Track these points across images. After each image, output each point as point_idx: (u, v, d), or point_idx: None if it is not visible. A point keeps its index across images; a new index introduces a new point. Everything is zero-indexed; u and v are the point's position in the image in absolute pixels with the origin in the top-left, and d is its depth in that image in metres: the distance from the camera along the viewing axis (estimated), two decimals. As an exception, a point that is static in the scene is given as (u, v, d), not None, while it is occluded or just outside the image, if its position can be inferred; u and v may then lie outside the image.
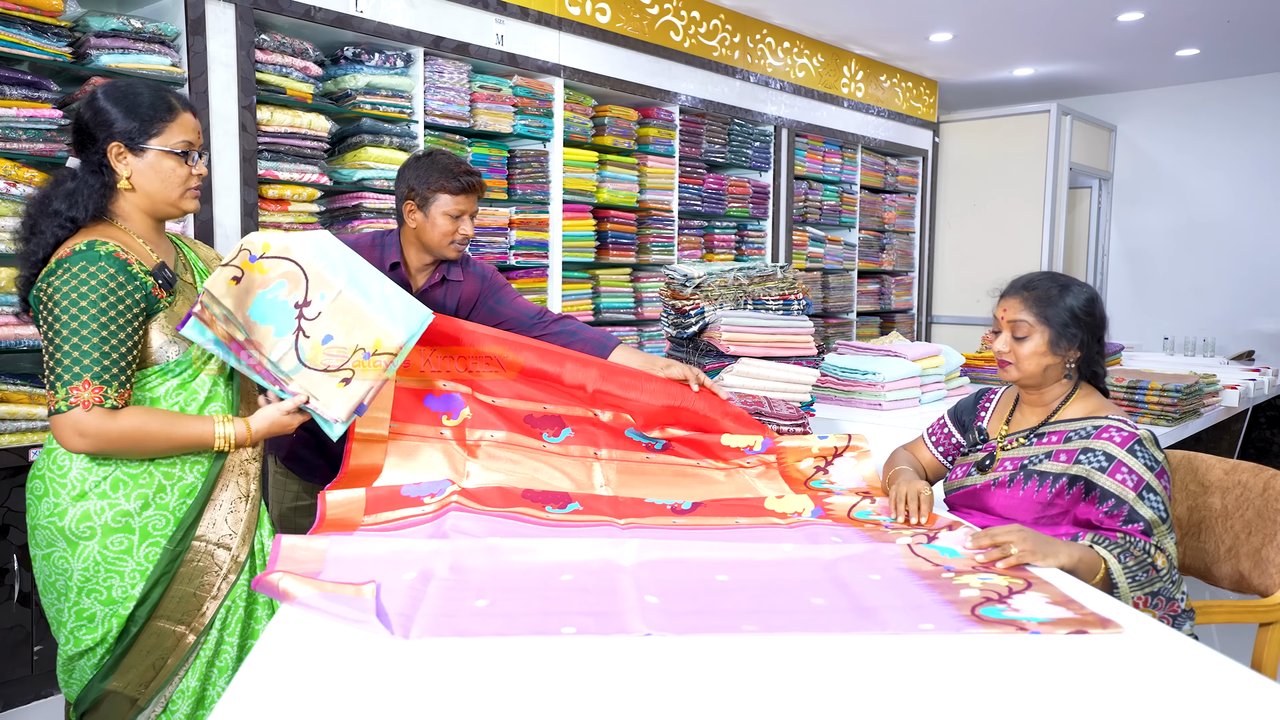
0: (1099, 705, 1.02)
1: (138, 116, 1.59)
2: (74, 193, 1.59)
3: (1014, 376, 1.85)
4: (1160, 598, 1.63)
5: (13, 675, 2.70)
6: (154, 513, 1.59)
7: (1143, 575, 1.60)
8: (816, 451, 2.02)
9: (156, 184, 1.62)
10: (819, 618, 1.24)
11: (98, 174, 1.60)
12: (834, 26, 5.41)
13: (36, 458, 1.64)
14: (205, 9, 3.02)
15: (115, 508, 1.56)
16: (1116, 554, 1.59)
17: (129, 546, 1.57)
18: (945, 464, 2.06)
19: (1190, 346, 5.33)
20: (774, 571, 1.45)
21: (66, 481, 1.56)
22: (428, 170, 2.21)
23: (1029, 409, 1.91)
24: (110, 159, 1.59)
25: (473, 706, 1.00)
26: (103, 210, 1.61)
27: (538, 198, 4.16)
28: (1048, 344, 1.81)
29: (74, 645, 1.60)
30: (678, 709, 1.00)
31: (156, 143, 1.60)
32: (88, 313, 1.49)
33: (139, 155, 1.60)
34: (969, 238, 6.86)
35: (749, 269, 2.74)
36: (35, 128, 2.72)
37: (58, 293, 1.50)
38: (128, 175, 1.61)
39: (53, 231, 1.57)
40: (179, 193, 1.65)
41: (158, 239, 1.68)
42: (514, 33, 3.95)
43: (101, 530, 1.56)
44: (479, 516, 1.63)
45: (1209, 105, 6.91)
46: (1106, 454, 1.71)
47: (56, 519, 1.56)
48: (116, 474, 1.57)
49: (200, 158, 1.67)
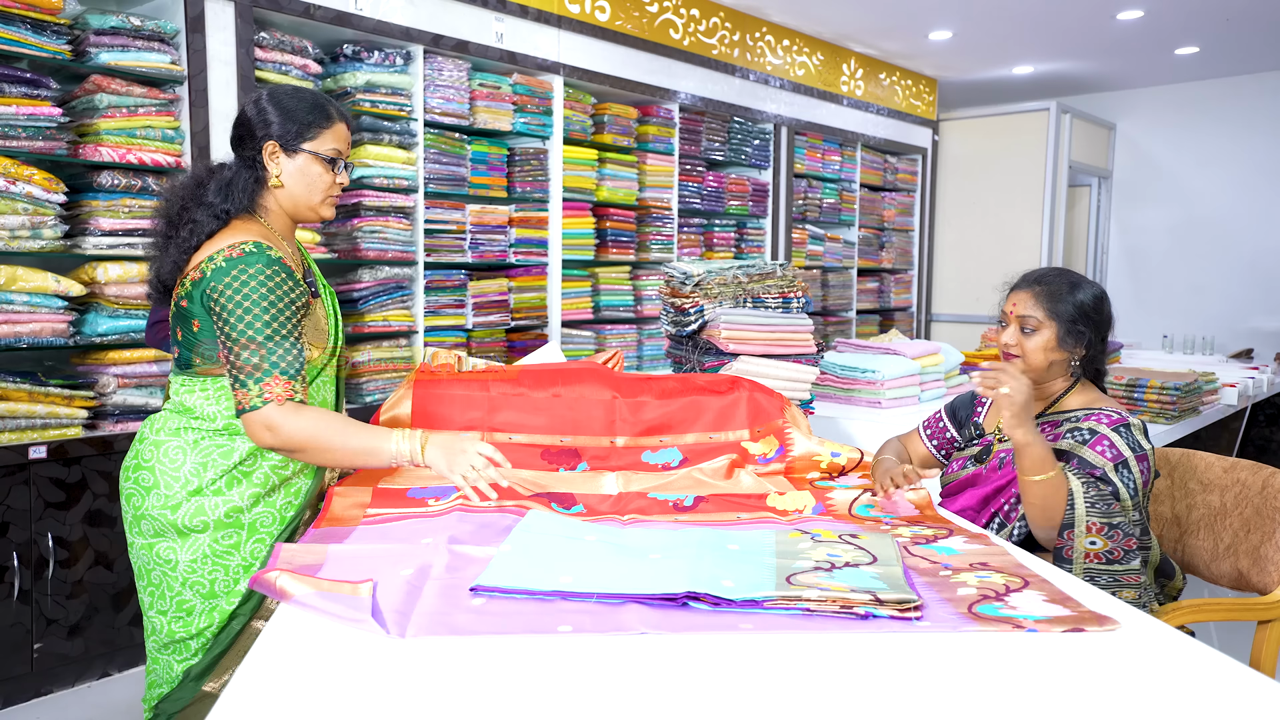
0: (1097, 703, 1.02)
1: (296, 120, 1.66)
2: (229, 184, 1.65)
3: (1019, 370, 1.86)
4: (1118, 530, 1.66)
5: (13, 673, 2.71)
6: (263, 509, 1.65)
7: (1102, 505, 1.65)
8: (825, 468, 2.03)
9: (303, 186, 1.69)
10: (816, 616, 1.25)
11: (251, 169, 1.67)
12: (833, 24, 5.41)
13: (138, 446, 1.66)
14: (204, 7, 3.02)
15: (229, 504, 1.62)
16: (1082, 480, 1.66)
17: (237, 542, 1.62)
18: (939, 457, 2.07)
19: (1189, 344, 5.33)
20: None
21: (180, 475, 1.61)
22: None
23: None
24: (264, 156, 1.66)
25: (471, 706, 1.00)
26: (252, 205, 1.68)
27: (537, 196, 4.16)
28: (1056, 340, 1.82)
29: (167, 635, 1.63)
30: (675, 708, 1.00)
31: (309, 146, 1.67)
32: (270, 314, 1.56)
33: (291, 156, 1.67)
34: (968, 236, 6.86)
35: (748, 267, 2.74)
36: (35, 125, 2.72)
37: (238, 294, 1.55)
38: (278, 174, 1.67)
39: (207, 221, 1.63)
40: (320, 197, 1.71)
41: (291, 240, 1.75)
42: (513, 30, 3.95)
43: (214, 525, 1.61)
44: (482, 514, 1.63)
45: (1208, 103, 6.91)
46: (1092, 430, 1.75)
47: (169, 512, 1.60)
48: (234, 472, 1.62)
49: (347, 169, 1.73)
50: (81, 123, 2.89)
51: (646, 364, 4.72)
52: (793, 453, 2.03)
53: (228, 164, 1.70)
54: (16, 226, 2.70)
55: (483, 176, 3.95)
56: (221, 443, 1.63)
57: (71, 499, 2.79)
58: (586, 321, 4.50)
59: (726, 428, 2.08)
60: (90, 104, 2.85)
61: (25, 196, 2.70)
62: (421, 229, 3.70)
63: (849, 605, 1.25)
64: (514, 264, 4.13)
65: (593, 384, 2.07)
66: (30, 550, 2.70)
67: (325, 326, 1.73)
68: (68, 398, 2.78)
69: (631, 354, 4.68)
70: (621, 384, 2.09)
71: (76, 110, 2.91)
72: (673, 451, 2.03)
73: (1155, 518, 2.19)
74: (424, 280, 3.73)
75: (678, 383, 2.13)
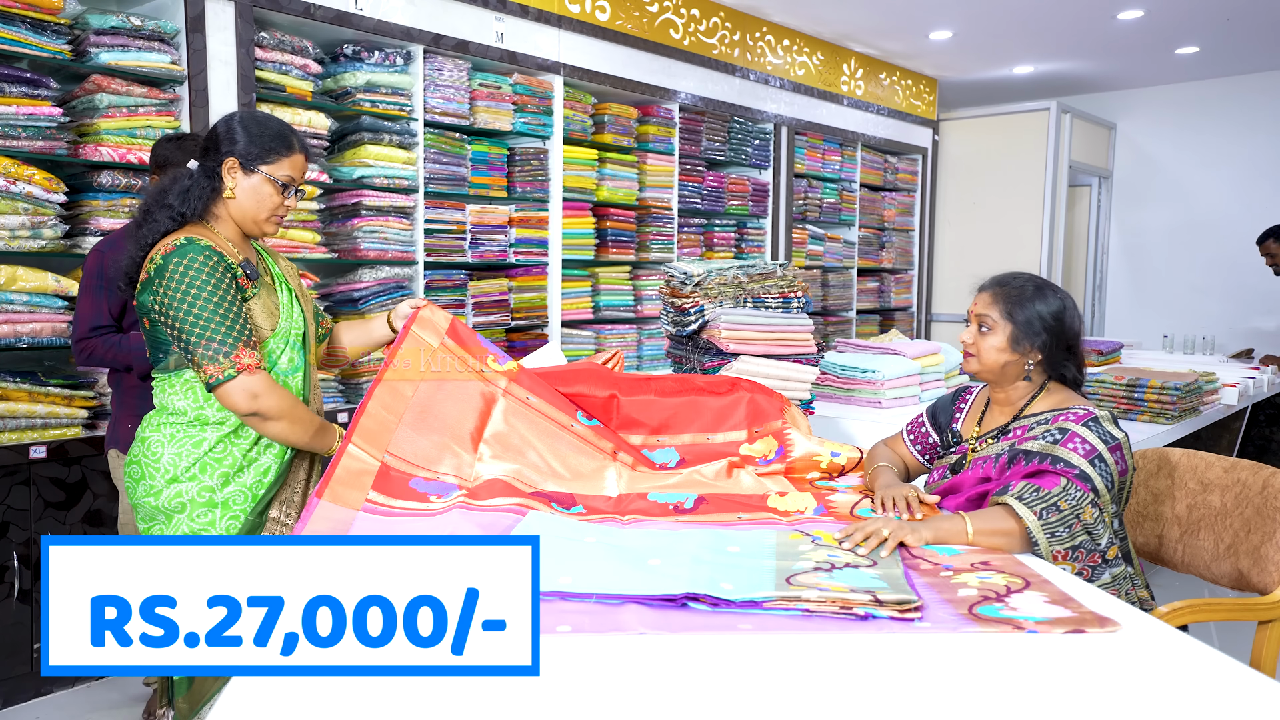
0: (1097, 703, 1.02)
1: (258, 144, 1.82)
2: (188, 191, 1.81)
3: (974, 368, 1.91)
4: (1081, 550, 1.65)
5: (13, 673, 2.71)
6: (234, 489, 1.80)
7: (1064, 531, 1.63)
8: (825, 468, 2.03)
9: (253, 202, 1.84)
10: (815, 617, 1.25)
11: (210, 179, 1.82)
12: (834, 24, 5.41)
13: (134, 443, 1.84)
14: (205, 7, 3.02)
15: (201, 486, 1.78)
16: (1039, 509, 1.63)
17: (213, 520, 1.79)
18: (924, 463, 2.07)
19: (1190, 344, 5.33)
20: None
21: (160, 466, 1.78)
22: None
23: (998, 409, 1.95)
24: (224, 170, 1.82)
25: (470, 705, 1.00)
26: (206, 211, 1.83)
27: (537, 195, 4.16)
28: (1008, 341, 1.85)
29: None
30: (674, 708, 1.00)
31: (266, 169, 1.83)
32: (210, 293, 1.71)
33: (248, 175, 1.83)
34: (969, 236, 6.85)
35: (749, 267, 2.74)
36: (35, 125, 2.72)
37: (177, 285, 1.70)
38: (233, 187, 1.83)
39: (164, 221, 1.78)
40: (266, 215, 1.86)
41: (243, 244, 1.89)
42: (514, 30, 3.95)
43: (190, 505, 1.77)
44: (482, 514, 1.63)
45: (1209, 103, 6.90)
46: (1061, 429, 1.76)
47: (152, 498, 1.78)
48: (204, 459, 1.78)
49: (297, 195, 1.90)
50: (81, 123, 2.89)
51: (646, 364, 4.72)
52: (793, 454, 2.03)
53: (192, 171, 1.85)
54: (16, 226, 2.70)
55: (483, 176, 3.95)
56: (193, 434, 1.79)
57: (71, 499, 2.79)
58: (586, 321, 4.50)
59: (724, 429, 2.08)
60: (90, 104, 2.85)
61: (25, 196, 2.69)
62: (422, 229, 3.70)
63: (848, 606, 1.25)
64: (514, 264, 4.13)
65: (591, 383, 2.07)
66: (30, 550, 2.70)
67: (276, 312, 1.87)
68: (68, 398, 2.78)
69: (631, 354, 4.67)
70: (621, 383, 2.09)
71: (76, 110, 2.91)
72: (669, 451, 2.03)
73: (1155, 518, 2.19)
74: (424, 280, 3.72)
75: (676, 383, 2.13)
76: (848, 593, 1.28)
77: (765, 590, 1.29)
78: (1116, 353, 4.39)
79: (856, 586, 1.30)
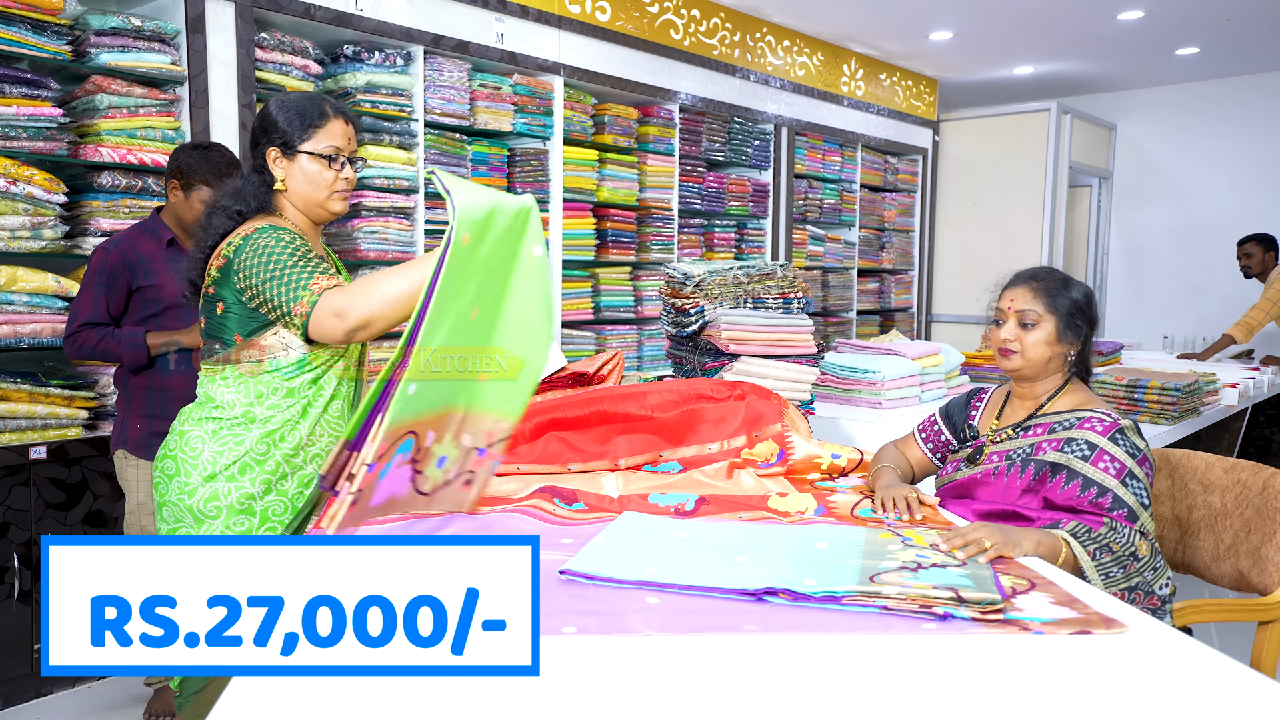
0: (1098, 704, 1.02)
1: (291, 123, 1.71)
2: (239, 190, 1.73)
3: (1016, 365, 1.85)
4: (1139, 592, 1.64)
5: (13, 673, 2.70)
6: (274, 498, 1.69)
7: (1118, 571, 1.60)
8: (825, 469, 2.03)
9: (306, 185, 1.73)
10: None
11: (260, 174, 1.74)
12: (834, 25, 5.41)
13: (169, 438, 1.73)
14: (205, 7, 3.02)
15: (240, 490, 1.67)
16: (1092, 549, 1.59)
17: (249, 528, 1.67)
18: (935, 462, 2.06)
19: (1190, 345, 5.33)
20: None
21: (198, 463, 1.67)
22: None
23: (1019, 403, 1.93)
24: (269, 164, 1.73)
25: (471, 705, 1.00)
26: (266, 205, 1.74)
27: (538, 196, 4.16)
28: (1055, 333, 1.83)
29: None
30: (678, 709, 1.00)
31: (306, 146, 1.72)
32: (291, 254, 1.61)
33: (291, 159, 1.72)
34: (969, 236, 6.85)
35: (749, 267, 2.73)
36: (35, 126, 2.72)
37: (256, 255, 1.61)
38: (282, 178, 1.73)
39: (220, 222, 1.70)
40: (325, 194, 1.75)
41: (314, 240, 1.79)
42: (514, 31, 3.95)
43: (226, 511, 1.66)
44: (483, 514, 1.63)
45: (1209, 104, 6.91)
46: (1089, 443, 1.73)
47: (185, 497, 1.66)
48: (245, 459, 1.67)
49: (351, 164, 1.77)
50: (82, 123, 2.89)
51: (646, 364, 4.72)
52: (793, 457, 2.04)
53: (246, 174, 1.76)
54: (17, 227, 2.69)
55: (483, 177, 3.95)
56: (237, 431, 1.68)
57: (72, 499, 2.79)
58: (587, 322, 4.50)
59: (723, 436, 2.08)
60: (90, 104, 2.85)
61: (26, 197, 2.69)
62: (422, 229, 3.69)
63: (928, 605, 1.25)
64: (514, 264, 4.12)
65: (588, 416, 2.07)
66: (30, 550, 2.70)
67: None
68: (68, 398, 2.77)
69: (631, 354, 4.67)
70: (615, 417, 2.09)
71: (77, 111, 2.90)
72: (671, 465, 2.04)
73: (1156, 518, 2.19)
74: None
75: (673, 393, 2.13)
76: (930, 590, 1.27)
77: (847, 586, 1.29)
78: (1116, 353, 4.39)
79: (940, 584, 1.30)
